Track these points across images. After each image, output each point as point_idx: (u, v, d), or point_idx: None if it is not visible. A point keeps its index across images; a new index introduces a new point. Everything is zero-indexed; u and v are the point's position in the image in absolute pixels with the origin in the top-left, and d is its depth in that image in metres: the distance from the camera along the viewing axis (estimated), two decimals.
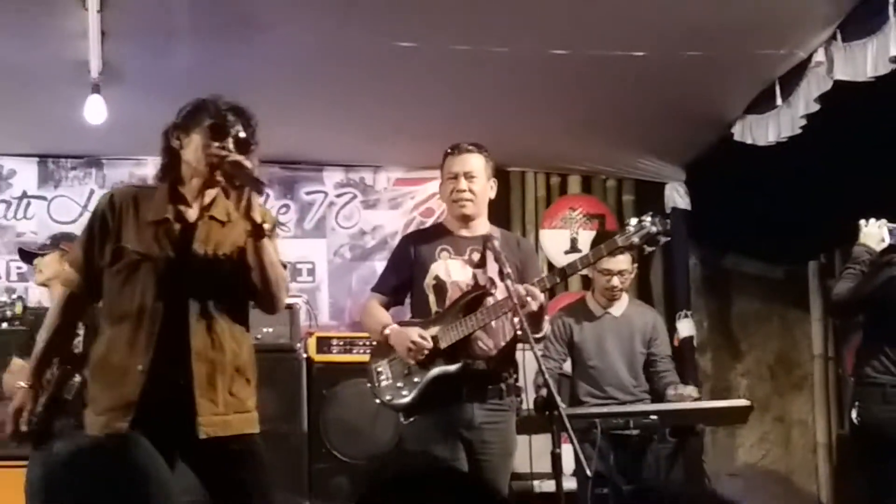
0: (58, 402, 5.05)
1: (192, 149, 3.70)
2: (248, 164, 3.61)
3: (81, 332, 4.61)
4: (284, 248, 3.95)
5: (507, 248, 4.40)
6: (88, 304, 3.91)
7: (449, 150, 4.57)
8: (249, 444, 3.74)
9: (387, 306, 4.57)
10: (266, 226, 3.63)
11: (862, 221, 5.14)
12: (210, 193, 3.75)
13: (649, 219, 4.41)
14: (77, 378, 4.96)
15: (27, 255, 5.41)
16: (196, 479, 3.69)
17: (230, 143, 3.65)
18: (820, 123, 5.60)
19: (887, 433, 4.81)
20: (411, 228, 7.05)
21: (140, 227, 3.72)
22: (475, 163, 4.52)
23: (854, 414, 4.97)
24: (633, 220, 4.49)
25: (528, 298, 4.16)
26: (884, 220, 5.08)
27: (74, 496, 2.24)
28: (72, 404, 4.97)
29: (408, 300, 4.68)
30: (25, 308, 5.04)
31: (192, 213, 3.75)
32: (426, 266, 4.44)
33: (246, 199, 3.56)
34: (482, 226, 4.57)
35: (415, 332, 4.23)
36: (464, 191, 4.47)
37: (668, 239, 4.63)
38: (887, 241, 5.02)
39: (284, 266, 3.83)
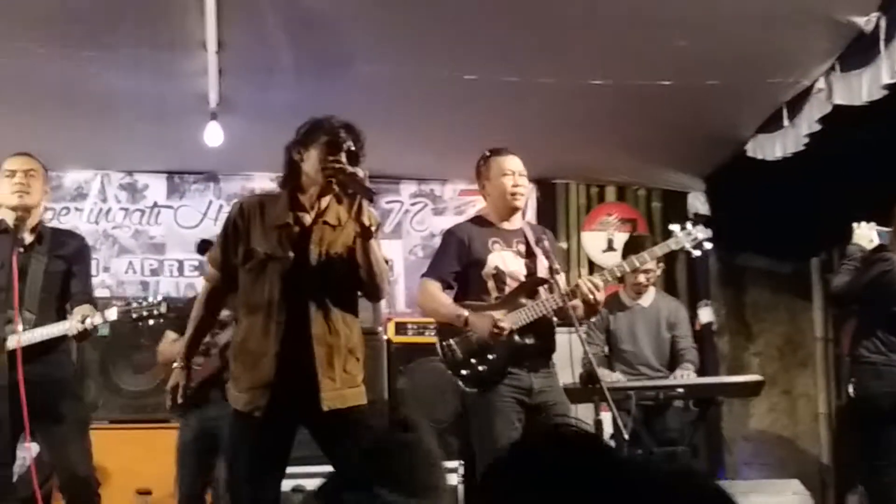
0: (215, 377, 5.18)
1: (311, 162, 3.71)
2: (359, 173, 3.62)
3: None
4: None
5: (548, 239, 4.43)
6: (226, 297, 3.95)
7: (494, 152, 4.50)
8: (360, 413, 3.74)
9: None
10: (372, 228, 3.63)
11: (855, 224, 5.09)
12: (324, 200, 3.75)
13: (695, 227, 4.46)
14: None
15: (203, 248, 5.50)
16: None
17: (343, 156, 3.64)
18: (821, 141, 5.55)
19: (880, 404, 4.76)
20: None
21: (266, 231, 3.75)
22: (522, 163, 4.47)
23: (851, 388, 4.94)
24: (678, 228, 4.49)
25: (595, 290, 4.16)
26: (873, 223, 5.04)
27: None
28: (221, 380, 5.06)
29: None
30: (170, 308, 5.08)
31: (308, 218, 3.76)
32: (483, 257, 4.32)
33: (357, 205, 3.56)
34: (518, 219, 4.52)
35: (497, 316, 4.15)
36: (519, 186, 4.41)
37: (712, 245, 4.52)
38: (876, 241, 4.98)
39: (387, 261, 3.86)
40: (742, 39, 5.22)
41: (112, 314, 4.32)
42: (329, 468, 3.75)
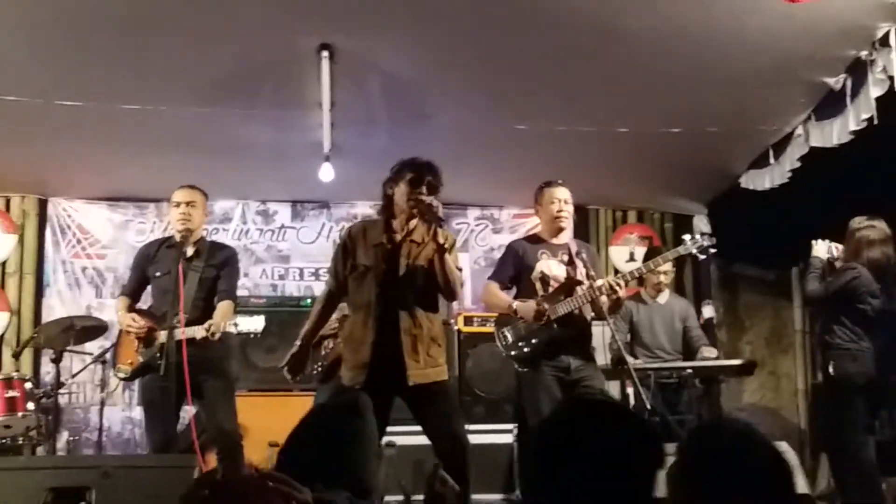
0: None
1: (400, 194, 3.74)
2: (434, 204, 3.62)
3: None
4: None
5: (586, 252, 4.40)
6: (340, 299, 3.96)
7: (546, 184, 4.52)
8: (442, 386, 3.77)
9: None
10: (446, 245, 3.65)
11: (813, 241, 4.96)
12: (412, 223, 3.77)
13: (702, 236, 4.39)
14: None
15: None
16: None
17: (424, 189, 3.66)
18: (801, 175, 5.54)
19: (856, 381, 4.63)
20: None
21: (367, 249, 3.79)
22: (569, 192, 4.49)
23: (831, 369, 4.77)
24: (688, 237, 4.46)
25: (618, 288, 4.16)
26: (828, 240, 4.92)
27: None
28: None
29: None
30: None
31: (398, 238, 3.78)
32: (533, 264, 4.31)
33: (433, 228, 3.63)
34: (565, 235, 4.52)
35: (537, 302, 4.17)
36: (563, 211, 4.43)
37: (715, 251, 4.47)
38: (833, 253, 4.87)
39: (460, 270, 3.83)
40: (737, 96, 5.22)
41: (231, 325, 4.33)
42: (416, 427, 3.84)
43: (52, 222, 7.10)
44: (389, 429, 3.92)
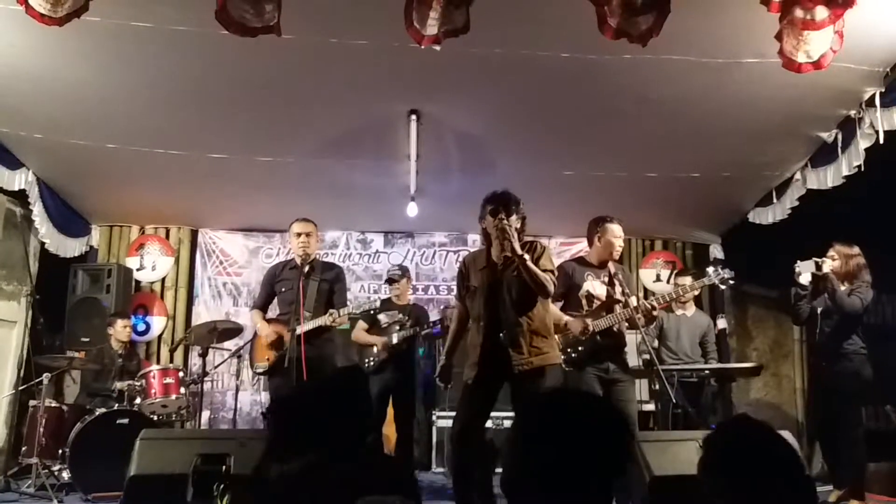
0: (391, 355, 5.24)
1: (488, 223, 3.63)
2: (507, 230, 3.49)
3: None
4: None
5: (622, 273, 4.26)
6: (468, 317, 3.75)
7: (610, 220, 4.27)
8: (545, 371, 3.53)
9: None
10: (526, 256, 3.51)
11: (796, 265, 4.52)
12: (505, 245, 3.56)
13: (724, 269, 4.24)
14: None
15: (391, 281, 5.55)
16: None
17: (503, 215, 3.54)
18: (799, 212, 5.47)
19: (870, 382, 4.32)
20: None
21: (476, 272, 3.71)
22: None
23: (858, 371, 4.33)
24: (711, 269, 4.31)
25: (650, 310, 4.11)
26: (812, 259, 4.45)
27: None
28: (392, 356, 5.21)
29: None
30: (405, 307, 5.28)
31: (495, 259, 3.67)
32: (580, 283, 4.18)
33: (509, 248, 3.50)
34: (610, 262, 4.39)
35: (588, 321, 4.06)
36: (621, 246, 4.28)
37: (732, 282, 4.27)
38: (824, 269, 4.40)
39: (551, 271, 3.64)
40: (746, 147, 5.14)
41: (344, 313, 4.40)
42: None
43: (201, 248, 7.30)
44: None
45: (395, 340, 5.26)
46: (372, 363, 5.25)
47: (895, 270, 4.72)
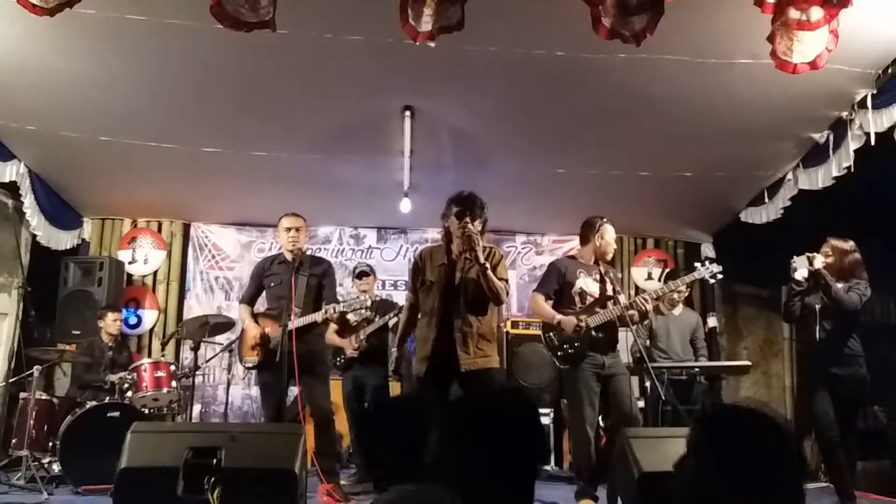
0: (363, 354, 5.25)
1: (451, 224, 3.70)
2: (473, 234, 3.55)
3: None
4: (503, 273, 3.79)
5: (612, 272, 4.29)
6: (417, 310, 3.84)
7: (607, 221, 4.30)
8: (491, 373, 3.69)
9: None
10: (487, 263, 3.59)
11: (793, 260, 4.30)
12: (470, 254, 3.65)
13: (713, 265, 4.27)
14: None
15: (363, 274, 5.53)
16: None
17: (468, 219, 3.61)
18: (791, 212, 5.48)
19: (869, 382, 4.20)
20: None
21: (432, 267, 3.78)
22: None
23: (860, 373, 4.18)
24: (700, 264, 4.32)
25: (644, 305, 4.09)
26: (805, 254, 4.25)
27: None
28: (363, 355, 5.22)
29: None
30: (373, 303, 5.25)
31: (454, 258, 3.74)
32: (573, 280, 4.20)
33: (473, 252, 3.57)
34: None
35: (577, 318, 4.08)
36: (614, 245, 4.34)
37: (722, 276, 4.29)
38: (816, 265, 4.19)
39: (505, 280, 3.74)
40: (739, 147, 5.15)
41: (338, 310, 4.35)
42: None
43: (193, 241, 7.27)
44: None
45: (362, 337, 5.27)
46: (342, 360, 5.30)
47: (885, 271, 4.73)
